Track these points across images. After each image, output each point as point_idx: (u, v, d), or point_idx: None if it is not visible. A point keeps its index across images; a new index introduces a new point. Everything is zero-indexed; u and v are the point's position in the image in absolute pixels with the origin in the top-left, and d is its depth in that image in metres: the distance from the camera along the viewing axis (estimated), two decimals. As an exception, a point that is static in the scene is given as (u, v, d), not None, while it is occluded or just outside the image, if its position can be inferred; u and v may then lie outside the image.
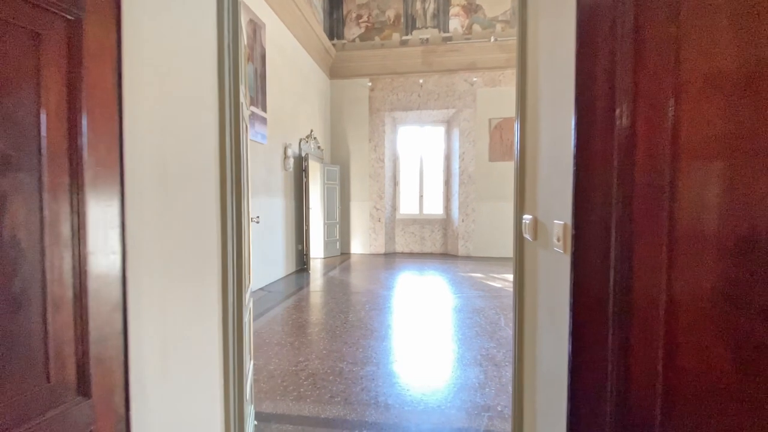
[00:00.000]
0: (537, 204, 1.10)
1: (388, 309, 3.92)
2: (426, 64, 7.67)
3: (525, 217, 1.20)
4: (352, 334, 3.15)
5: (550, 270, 0.98)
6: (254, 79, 4.72)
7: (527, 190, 1.22)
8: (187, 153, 1.14)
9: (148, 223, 0.98)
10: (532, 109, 1.18)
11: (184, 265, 1.12)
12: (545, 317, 1.03)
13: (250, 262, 1.78)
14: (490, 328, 3.31)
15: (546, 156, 1.02)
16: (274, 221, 5.38)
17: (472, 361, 2.62)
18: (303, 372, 2.46)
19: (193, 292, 1.17)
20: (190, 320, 1.16)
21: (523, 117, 1.28)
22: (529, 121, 1.22)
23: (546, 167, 1.01)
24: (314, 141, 6.88)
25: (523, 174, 1.25)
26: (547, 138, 1.01)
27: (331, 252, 7.55)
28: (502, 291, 4.69)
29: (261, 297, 4.42)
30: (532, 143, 1.17)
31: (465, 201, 7.67)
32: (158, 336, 1.03)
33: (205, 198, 1.23)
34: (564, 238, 0.82)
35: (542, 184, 1.04)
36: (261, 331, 3.23)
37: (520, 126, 1.28)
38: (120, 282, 0.86)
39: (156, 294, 1.01)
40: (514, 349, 1.37)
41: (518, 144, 1.29)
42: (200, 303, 1.21)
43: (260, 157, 4.91)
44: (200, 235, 1.19)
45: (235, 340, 1.36)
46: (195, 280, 1.18)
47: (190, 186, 1.15)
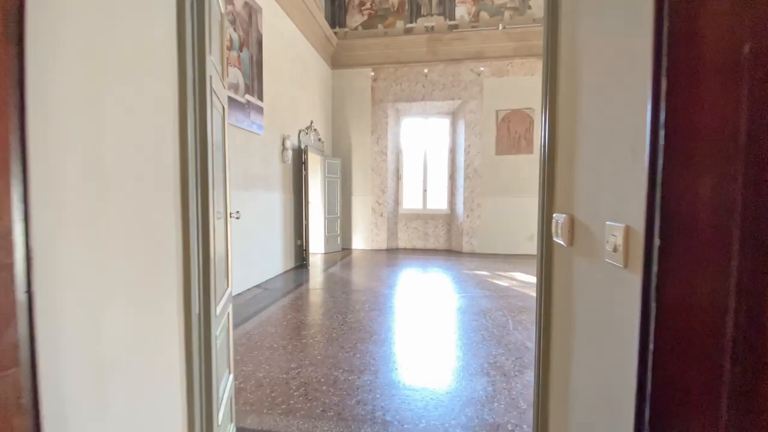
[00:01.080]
0: (574, 200, 0.86)
1: (388, 309, 3.71)
2: (431, 53, 7.38)
3: (556, 216, 0.97)
4: (350, 338, 2.94)
5: (596, 287, 0.75)
6: (249, 66, 4.48)
7: (558, 183, 0.98)
8: (132, 138, 0.91)
9: (71, 227, 0.76)
10: (568, 90, 0.96)
11: (128, 273, 0.90)
12: (586, 345, 0.81)
13: (229, 264, 1.56)
14: (498, 332, 3.09)
15: (591, 141, 0.78)
16: (272, 216, 5.17)
17: (478, 369, 2.40)
18: (294, 381, 2.26)
19: (142, 302, 0.96)
20: (139, 337, 0.95)
21: (553, 101, 1.05)
22: (563, 105, 0.99)
23: (591, 154, 0.78)
24: (314, 133, 6.64)
25: (552, 165, 1.02)
26: (592, 119, 0.77)
27: (332, 247, 7.35)
28: (510, 291, 4.46)
29: (256, 295, 4.23)
30: (567, 129, 0.94)
31: (470, 196, 7.42)
32: (90, 360, 0.81)
33: (158, 192, 1.00)
34: (626, 246, 0.59)
35: (584, 174, 0.81)
36: (253, 333, 3.03)
37: (548, 111, 1.05)
38: (23, 303, 0.65)
39: (85, 309, 0.80)
40: (537, 372, 1.14)
41: (546, 132, 1.06)
42: (153, 315, 1.00)
43: (257, 149, 4.69)
44: (152, 236, 0.98)
45: (202, 357, 1.15)
46: (145, 288, 0.96)
47: (137, 179, 0.93)
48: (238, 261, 4.24)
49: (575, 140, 0.87)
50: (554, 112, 1.03)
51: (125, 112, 0.89)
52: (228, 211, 1.54)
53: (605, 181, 0.70)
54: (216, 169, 1.30)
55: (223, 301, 1.41)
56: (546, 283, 1.06)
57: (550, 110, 1.04)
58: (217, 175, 1.32)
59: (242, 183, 4.36)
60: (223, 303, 1.40)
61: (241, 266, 4.33)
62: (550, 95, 1.03)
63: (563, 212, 0.95)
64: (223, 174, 1.47)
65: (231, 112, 4.06)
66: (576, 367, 0.87)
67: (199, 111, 1.13)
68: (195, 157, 1.12)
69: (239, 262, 4.27)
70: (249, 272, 4.52)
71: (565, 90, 0.97)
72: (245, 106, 4.37)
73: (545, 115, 1.06)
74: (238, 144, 4.25)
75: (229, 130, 4.06)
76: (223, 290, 1.43)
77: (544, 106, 1.07)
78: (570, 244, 0.90)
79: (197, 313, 1.13)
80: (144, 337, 0.96)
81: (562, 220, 0.93)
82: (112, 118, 0.85)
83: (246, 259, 4.44)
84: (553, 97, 1.03)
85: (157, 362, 1.01)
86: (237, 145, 4.23)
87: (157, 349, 1.01)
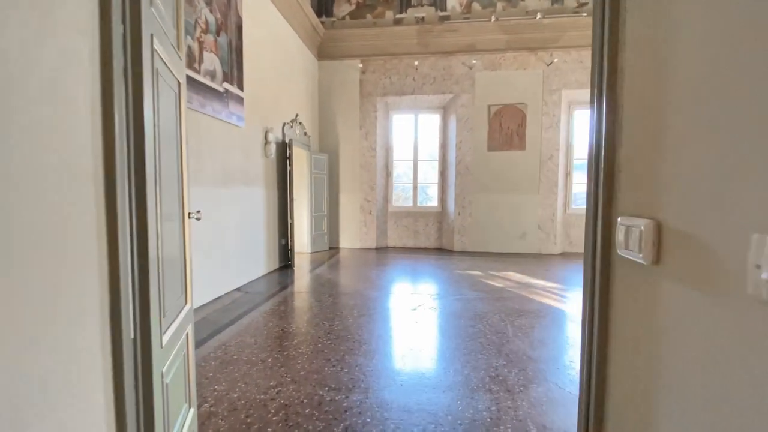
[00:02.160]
0: (663, 199, 0.60)
1: (378, 314, 3.46)
2: (421, 45, 7.13)
3: (625, 221, 0.71)
4: (337, 348, 2.68)
5: (721, 335, 0.49)
6: (228, 52, 4.15)
7: (623, 176, 0.73)
8: (23, 108, 0.63)
9: None
10: (638, 67, 0.71)
11: (19, 300, 0.62)
12: (699, 415, 0.55)
13: (188, 275, 1.28)
14: (497, 339, 2.87)
15: (699, 120, 0.54)
16: (254, 213, 4.85)
17: (479, 384, 2.18)
18: (274, 402, 1.99)
19: (44, 335, 0.68)
20: (40, 379, 0.67)
21: (613, 79, 0.79)
22: (636, 81, 0.74)
23: (705, 133, 0.53)
24: (300, 126, 6.32)
25: (611, 154, 0.76)
26: (713, 87, 0.52)
27: (319, 246, 7.05)
28: (505, 292, 4.26)
29: (236, 299, 3.92)
30: (644, 108, 0.69)
31: (461, 193, 7.22)
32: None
33: (70, 187, 0.72)
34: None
35: (688, 162, 0.55)
36: (229, 345, 2.74)
37: (606, 91, 0.80)
38: None
39: None
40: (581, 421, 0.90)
41: (599, 116, 0.82)
42: (59, 351, 0.72)
43: (237, 142, 4.36)
44: (58, 244, 0.70)
45: (141, 403, 0.88)
46: (49, 317, 0.69)
47: (32, 168, 0.65)
48: (215, 263, 3.92)
49: (664, 119, 0.62)
50: (614, 91, 0.77)
51: (13, 68, 0.61)
52: (185, 211, 1.25)
53: (745, 170, 0.45)
54: (166, 161, 1.02)
55: (177, 321, 1.13)
56: (601, 315, 0.81)
57: (608, 90, 0.78)
58: (167, 169, 1.04)
59: (221, 178, 4.04)
60: (177, 324, 1.13)
61: (219, 268, 4.02)
62: (609, 73, 0.77)
63: (640, 216, 0.70)
64: (177, 167, 1.18)
65: (207, 101, 3.73)
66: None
67: (132, 81, 0.85)
68: (127, 144, 0.84)
69: (216, 263, 3.96)
70: (228, 275, 4.21)
71: (638, 63, 0.72)
72: (223, 96, 4.04)
73: (598, 96, 0.81)
74: (215, 136, 3.92)
75: (206, 121, 3.73)
76: (177, 308, 1.16)
77: (596, 85, 0.82)
78: (655, 262, 0.64)
79: (132, 342, 0.86)
80: (47, 381, 0.69)
81: (641, 227, 0.67)
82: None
83: (224, 261, 4.12)
84: (613, 74, 0.78)
85: (69, 416, 0.74)
86: (214, 138, 3.90)
87: (68, 398, 0.74)
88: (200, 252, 3.66)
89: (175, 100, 1.20)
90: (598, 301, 0.82)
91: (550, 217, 7.01)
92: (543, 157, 6.99)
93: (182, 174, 1.24)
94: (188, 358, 1.25)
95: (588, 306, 0.87)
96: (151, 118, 0.92)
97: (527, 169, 7.04)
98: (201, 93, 3.64)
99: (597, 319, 0.82)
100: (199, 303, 3.65)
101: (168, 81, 1.11)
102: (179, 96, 1.25)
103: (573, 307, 3.74)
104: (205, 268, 3.76)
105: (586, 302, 0.87)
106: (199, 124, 3.64)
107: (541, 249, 7.06)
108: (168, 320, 1.03)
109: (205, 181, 3.75)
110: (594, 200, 0.81)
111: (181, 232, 1.21)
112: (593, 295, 0.83)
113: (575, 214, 7.26)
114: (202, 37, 3.69)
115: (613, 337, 0.80)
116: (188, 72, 3.45)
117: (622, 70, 0.79)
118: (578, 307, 3.73)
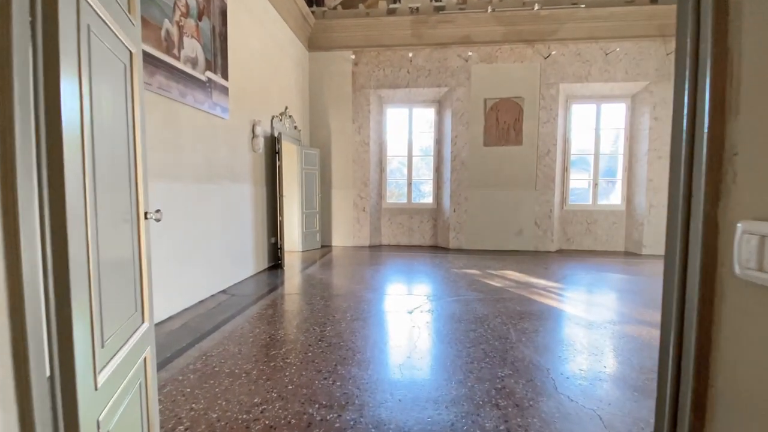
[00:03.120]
0: None
1: (373, 318, 3.26)
2: (416, 37, 6.90)
3: (750, 226, 0.50)
4: (329, 357, 2.47)
5: None
6: (211, 39, 3.88)
7: (743, 163, 0.52)
8: None
9: None
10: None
11: None
12: None
13: (145, 288, 1.06)
14: (500, 345, 2.69)
15: None
16: (241, 211, 4.60)
17: (485, 398, 1.99)
18: (257, 424, 1.77)
19: None
20: None
21: (722, 40, 0.58)
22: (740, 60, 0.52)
23: None
24: (290, 120, 6.06)
25: (717, 130, 0.54)
26: None
27: (311, 245, 6.82)
28: (504, 292, 4.09)
29: (221, 302, 3.68)
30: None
31: (457, 189, 7.03)
32: None
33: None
34: None
35: None
36: (211, 354, 2.51)
37: (713, 36, 0.59)
38: None
39: None
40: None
41: (690, 74, 0.60)
42: None
43: (221, 135, 4.10)
44: None
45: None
46: None
47: None
48: (198, 263, 3.67)
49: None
50: (724, 54, 0.56)
51: None
52: (140, 210, 1.03)
53: None
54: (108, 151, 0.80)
55: (127, 348, 0.91)
56: (699, 350, 0.60)
57: (715, 56, 0.56)
58: (109, 160, 0.82)
59: (204, 174, 3.78)
60: (127, 351, 0.91)
61: (203, 269, 3.77)
62: (714, 25, 0.56)
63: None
64: (128, 159, 0.96)
65: (188, 90, 3.46)
66: None
67: (44, 43, 0.62)
68: (36, 127, 0.62)
69: (200, 264, 3.71)
70: (212, 276, 3.96)
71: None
72: (206, 85, 3.77)
73: (693, 35, 0.59)
74: (198, 128, 3.66)
75: (186, 111, 3.47)
76: (127, 331, 0.93)
77: (688, 21, 0.60)
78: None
79: (48, 381, 0.64)
80: None
81: None
82: None
83: (209, 261, 3.88)
84: (723, 55, 0.56)
85: None
86: (197, 130, 3.64)
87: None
88: (182, 252, 3.41)
89: (125, 75, 0.97)
90: (698, 329, 0.59)
91: (547, 213, 6.87)
92: (540, 152, 6.83)
93: (136, 167, 1.01)
94: (146, 390, 1.03)
95: (671, 335, 0.64)
96: (74, 94, 0.69)
97: (524, 164, 6.88)
98: (181, 81, 3.38)
99: (694, 350, 0.60)
100: (180, 308, 3.40)
101: (112, 47, 0.89)
102: (131, 70, 1.02)
103: (575, 308, 3.58)
104: (187, 270, 3.51)
105: (672, 330, 0.64)
106: (179, 115, 3.38)
107: (538, 246, 6.92)
108: (110, 350, 0.81)
109: (186, 177, 3.49)
110: (685, 196, 0.59)
111: (135, 235, 0.99)
112: (679, 318, 0.61)
113: (573, 210, 7.13)
114: (182, 21, 3.42)
115: (722, 369, 0.58)
116: (167, 58, 3.18)
117: (725, 36, 0.56)
118: (581, 309, 3.57)
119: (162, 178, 3.15)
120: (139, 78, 1.04)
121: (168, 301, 3.24)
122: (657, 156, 6.56)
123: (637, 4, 6.34)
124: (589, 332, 2.95)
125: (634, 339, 2.81)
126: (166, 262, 3.21)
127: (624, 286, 4.44)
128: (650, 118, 6.56)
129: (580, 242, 7.11)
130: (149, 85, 2.96)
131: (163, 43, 3.15)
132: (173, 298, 3.32)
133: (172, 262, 3.29)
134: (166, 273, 3.20)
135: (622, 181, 7.08)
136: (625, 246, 7.00)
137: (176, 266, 3.35)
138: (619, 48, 6.47)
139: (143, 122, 1.06)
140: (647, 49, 6.46)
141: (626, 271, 5.28)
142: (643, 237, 6.65)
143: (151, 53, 2.99)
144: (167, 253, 3.21)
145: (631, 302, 3.76)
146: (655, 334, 2.90)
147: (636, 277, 4.90)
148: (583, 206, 7.16)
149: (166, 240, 3.19)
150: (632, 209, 6.90)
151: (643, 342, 2.75)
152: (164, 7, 3.17)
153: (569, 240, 7.15)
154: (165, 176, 3.19)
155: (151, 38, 3.00)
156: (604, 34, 6.51)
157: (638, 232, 6.73)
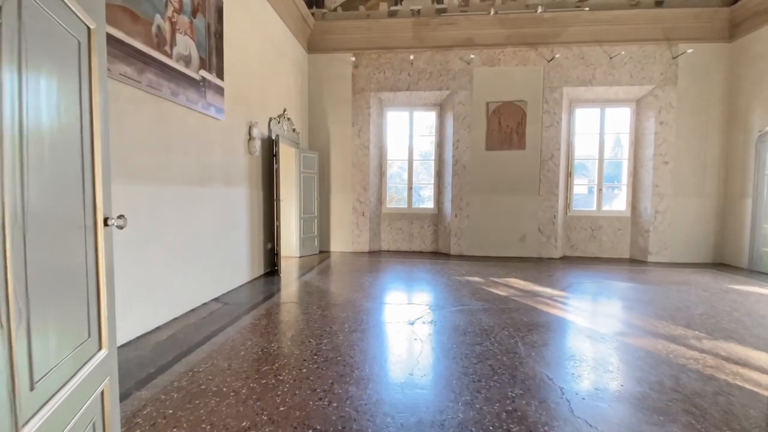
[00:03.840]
0: None
1: (372, 330, 3.09)
2: (417, 39, 6.78)
3: None
4: (325, 374, 2.29)
5: None
6: (206, 37, 3.74)
7: None
8: None
9: None
10: None
11: None
12: None
13: (103, 307, 0.89)
14: (509, 360, 2.51)
15: None
16: (236, 215, 4.43)
17: (495, 422, 1.81)
18: (243, 452, 1.60)
19: None
20: None
21: None
22: None
23: None
24: (288, 122, 5.92)
25: None
26: None
27: (309, 250, 6.64)
28: (510, 302, 3.91)
29: (213, 312, 3.50)
30: None
31: (458, 194, 6.88)
32: None
33: None
34: None
35: None
36: (198, 370, 2.34)
37: None
38: None
39: None
40: None
41: None
42: None
43: (216, 137, 3.95)
44: None
45: None
46: None
47: None
48: (189, 270, 3.50)
49: None
50: None
51: None
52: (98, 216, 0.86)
53: None
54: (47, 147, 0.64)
55: (76, 381, 0.74)
56: None
57: None
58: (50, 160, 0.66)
59: (196, 177, 3.62)
60: (74, 386, 0.74)
61: (195, 276, 3.60)
62: None
63: None
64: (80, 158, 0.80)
65: (180, 89, 3.32)
66: None
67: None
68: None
69: (191, 271, 3.53)
70: (205, 283, 3.79)
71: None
72: (200, 84, 3.62)
73: None
74: (190, 129, 3.50)
75: (177, 111, 3.32)
76: (80, 360, 0.77)
77: None
78: None
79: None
80: None
81: None
82: None
83: (201, 267, 3.70)
84: None
85: None
86: (189, 131, 3.49)
87: None
88: (172, 258, 3.24)
89: (78, 57, 0.82)
90: None
91: (550, 219, 6.72)
92: (543, 156, 6.69)
93: (93, 167, 0.85)
94: (103, 430, 0.86)
95: None
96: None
97: (527, 169, 6.73)
98: (173, 80, 3.23)
99: None
100: (169, 317, 3.22)
101: (58, 18, 0.73)
102: (89, 52, 0.86)
103: (584, 319, 3.41)
104: (178, 277, 3.34)
105: None
106: (170, 115, 3.22)
107: (542, 252, 6.75)
108: (44, 392, 0.65)
109: (177, 180, 3.33)
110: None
111: (90, 245, 0.83)
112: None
113: (576, 216, 6.97)
114: (174, 17, 3.28)
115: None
116: (157, 55, 3.03)
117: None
118: (590, 320, 3.40)
119: (151, 181, 2.99)
120: (101, 60, 0.89)
121: (156, 310, 3.07)
122: (663, 161, 6.43)
123: (642, 7, 6.24)
124: (600, 346, 2.78)
125: (650, 354, 2.64)
126: (155, 269, 3.04)
127: (632, 295, 4.27)
128: (656, 123, 6.43)
129: (584, 249, 6.95)
130: (138, 83, 2.81)
131: (154, 39, 3.01)
132: (161, 307, 3.14)
133: (162, 268, 3.12)
134: (154, 280, 3.03)
135: (627, 187, 6.94)
136: (630, 253, 6.84)
137: (166, 273, 3.18)
138: (623, 51, 6.36)
139: (105, 114, 0.90)
140: (652, 52, 6.35)
141: (633, 279, 5.11)
142: (648, 244, 6.49)
143: (141, 49, 2.84)
144: (156, 260, 3.04)
145: (642, 313, 3.59)
146: (671, 348, 2.74)
147: (644, 285, 4.73)
148: (588, 212, 7.01)
149: (155, 246, 3.02)
150: (637, 215, 6.75)
151: (660, 357, 2.58)
152: (156, 1, 3.03)
153: (573, 247, 6.99)
154: (154, 179, 3.03)
155: (141, 34, 2.85)
156: (608, 37, 6.41)
157: (644, 238, 6.58)
